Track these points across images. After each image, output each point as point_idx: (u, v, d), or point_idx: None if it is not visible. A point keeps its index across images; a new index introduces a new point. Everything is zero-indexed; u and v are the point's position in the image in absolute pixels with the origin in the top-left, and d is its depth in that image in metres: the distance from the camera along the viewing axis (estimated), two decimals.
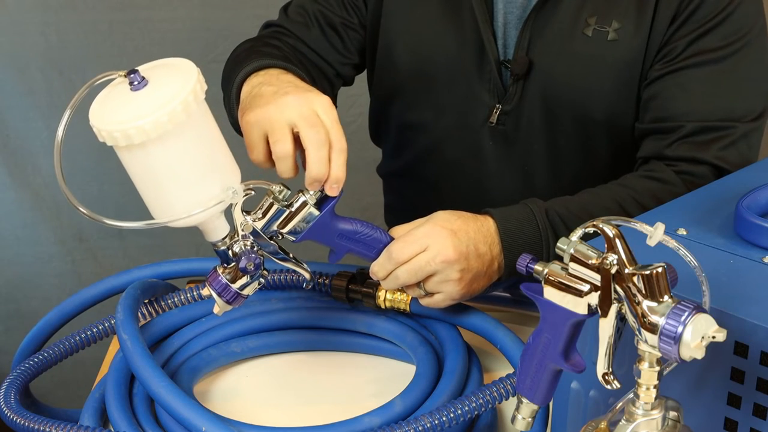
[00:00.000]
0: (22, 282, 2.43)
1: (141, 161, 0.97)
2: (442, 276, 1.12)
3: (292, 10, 1.44)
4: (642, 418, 0.79)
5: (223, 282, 1.07)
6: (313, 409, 1.18)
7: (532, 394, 0.86)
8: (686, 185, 1.23)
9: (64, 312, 1.30)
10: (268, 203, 1.08)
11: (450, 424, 1.02)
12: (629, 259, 0.77)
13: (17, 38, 2.23)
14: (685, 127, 1.25)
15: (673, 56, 1.27)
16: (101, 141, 0.96)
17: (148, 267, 1.30)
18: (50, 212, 2.37)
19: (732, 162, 1.24)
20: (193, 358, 1.20)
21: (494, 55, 1.32)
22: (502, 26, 1.33)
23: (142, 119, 0.93)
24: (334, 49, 1.42)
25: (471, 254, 1.12)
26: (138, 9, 2.24)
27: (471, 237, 1.13)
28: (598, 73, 1.30)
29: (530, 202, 1.19)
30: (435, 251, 1.11)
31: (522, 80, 1.32)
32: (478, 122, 1.37)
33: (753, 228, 0.93)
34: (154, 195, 1.00)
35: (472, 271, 1.13)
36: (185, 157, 0.98)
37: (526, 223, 1.17)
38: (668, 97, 1.27)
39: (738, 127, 1.25)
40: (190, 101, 0.94)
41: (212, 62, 2.25)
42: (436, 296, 1.15)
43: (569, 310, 0.80)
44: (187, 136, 0.97)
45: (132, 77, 0.95)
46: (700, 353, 0.74)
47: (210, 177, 1.00)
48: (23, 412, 1.11)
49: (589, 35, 1.28)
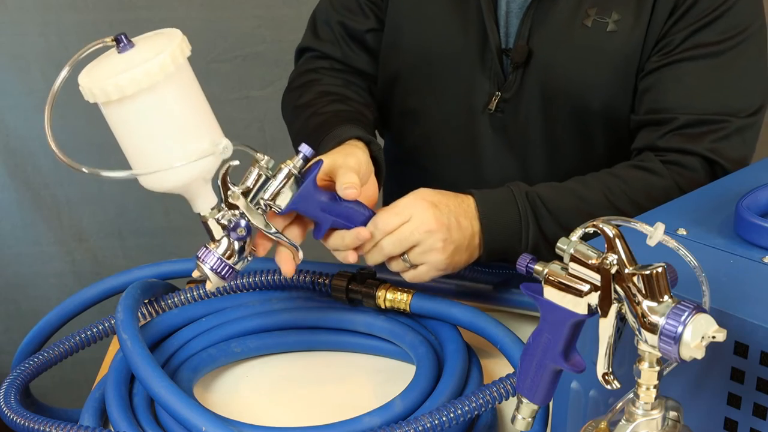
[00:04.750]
0: (22, 282, 2.43)
1: (132, 116, 1.00)
2: (426, 246, 1.14)
3: (323, 29, 1.47)
4: (642, 418, 0.79)
5: (216, 256, 1.08)
6: (313, 409, 1.18)
7: (532, 394, 0.86)
8: (674, 176, 1.24)
9: (64, 312, 1.30)
10: (255, 173, 1.10)
11: (450, 424, 1.02)
12: (629, 259, 0.77)
13: (17, 38, 2.23)
14: (679, 119, 1.26)
15: (670, 49, 1.27)
16: (92, 101, 0.99)
17: (148, 267, 1.31)
18: (50, 212, 2.37)
19: (724, 155, 1.25)
20: (193, 358, 1.20)
21: (496, 43, 1.33)
22: (504, 15, 1.34)
23: (133, 70, 0.97)
24: (369, 60, 1.46)
25: (452, 226, 1.15)
26: (138, 9, 2.24)
27: (452, 210, 1.16)
28: (596, 64, 1.30)
29: (513, 184, 1.21)
30: (418, 221, 1.14)
31: (521, 69, 1.33)
32: (478, 109, 1.38)
33: (753, 228, 0.93)
34: (146, 149, 1.02)
35: (454, 242, 1.16)
36: (175, 108, 1.01)
37: (506, 204, 1.19)
38: (663, 89, 1.28)
39: (732, 121, 1.25)
40: (177, 54, 0.99)
41: (212, 62, 2.26)
42: (420, 268, 1.17)
43: (569, 310, 0.80)
44: (176, 88, 1.01)
45: (119, 40, 1.00)
46: (700, 353, 0.74)
47: (199, 130, 1.04)
48: (23, 412, 1.11)
49: (588, 26, 1.29)
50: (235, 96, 2.23)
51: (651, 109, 1.29)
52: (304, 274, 1.26)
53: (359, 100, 1.41)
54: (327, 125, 1.29)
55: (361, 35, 1.44)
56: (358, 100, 1.41)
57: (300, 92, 1.42)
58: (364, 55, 1.45)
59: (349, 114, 1.34)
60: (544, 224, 1.19)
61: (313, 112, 1.36)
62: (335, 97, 1.39)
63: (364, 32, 1.44)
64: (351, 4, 1.44)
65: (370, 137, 1.26)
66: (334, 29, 1.45)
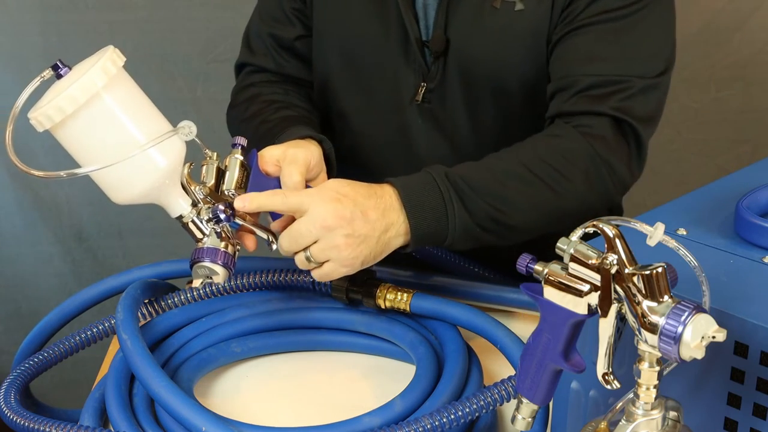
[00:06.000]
0: (22, 282, 2.43)
1: (81, 133, 1.05)
2: (326, 242, 1.11)
3: (255, 42, 1.49)
4: (642, 418, 0.79)
5: (213, 247, 1.10)
6: (313, 409, 1.18)
7: (532, 394, 0.86)
8: (585, 138, 1.23)
9: (64, 312, 1.30)
10: (212, 168, 1.13)
11: (450, 425, 1.02)
12: (629, 259, 0.77)
13: (17, 38, 2.23)
14: (582, 81, 1.26)
15: (573, 17, 1.28)
16: (41, 129, 1.05)
17: (148, 267, 1.31)
18: (50, 212, 2.37)
19: (631, 113, 1.24)
20: (193, 358, 1.20)
21: (416, 36, 1.34)
22: (422, 7, 1.35)
23: (68, 89, 1.02)
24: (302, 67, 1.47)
25: (357, 219, 1.11)
26: (138, 9, 2.24)
27: (358, 202, 1.13)
28: (508, 45, 1.31)
29: (431, 168, 1.20)
30: (314, 216, 1.11)
31: (442, 58, 1.34)
32: (406, 101, 1.39)
33: (753, 228, 0.94)
34: (105, 159, 1.04)
35: (360, 236, 1.12)
36: (120, 115, 1.05)
37: (428, 187, 1.17)
38: (567, 55, 1.28)
39: (635, 81, 1.25)
40: (109, 66, 1.04)
41: (212, 62, 2.26)
42: (326, 266, 1.13)
43: (569, 310, 0.80)
44: (115, 96, 1.05)
45: (55, 67, 1.06)
46: (700, 353, 0.74)
47: (158, 117, 1.09)
48: (23, 412, 1.11)
49: (497, 8, 1.30)
50: None
51: (558, 76, 1.29)
52: (304, 274, 1.26)
53: (303, 105, 1.43)
54: (278, 128, 1.31)
55: (290, 43, 1.46)
56: (302, 105, 1.43)
57: (245, 106, 1.44)
58: (297, 63, 1.47)
59: (297, 118, 1.36)
60: (469, 202, 1.17)
61: (262, 120, 1.37)
62: (281, 105, 1.40)
63: (292, 40, 1.45)
64: (277, 14, 1.46)
65: (322, 136, 1.27)
66: (265, 41, 1.47)
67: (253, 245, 1.16)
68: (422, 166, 1.33)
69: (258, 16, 1.49)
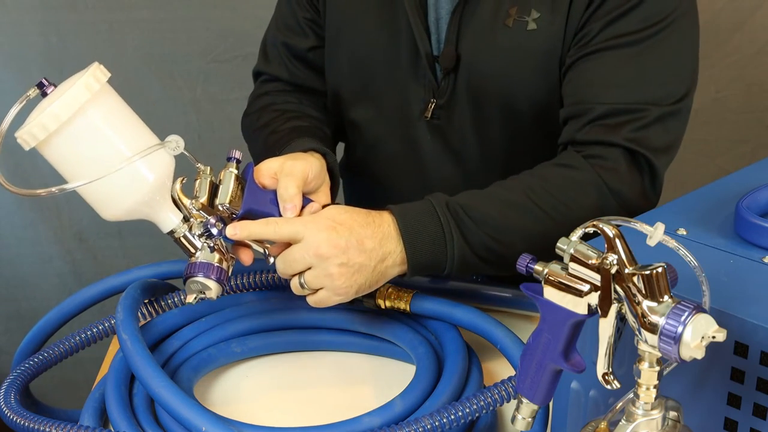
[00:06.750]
0: (22, 282, 2.43)
1: (67, 149, 1.05)
2: (319, 270, 1.11)
3: (271, 51, 1.49)
4: (642, 418, 0.79)
5: (205, 262, 1.10)
6: (313, 409, 1.18)
7: (532, 394, 0.86)
8: (595, 169, 1.21)
9: (64, 312, 1.30)
10: (205, 182, 1.12)
11: (450, 426, 1.02)
12: (629, 259, 0.77)
13: (17, 38, 2.23)
14: (596, 109, 1.23)
15: (587, 40, 1.25)
16: (28, 148, 1.05)
17: (148, 267, 1.30)
18: (50, 212, 2.37)
19: (645, 144, 1.22)
20: (193, 358, 1.20)
21: (426, 51, 1.33)
22: (435, 21, 1.34)
23: (51, 106, 1.02)
24: (315, 77, 1.47)
25: (352, 248, 1.11)
26: (138, 9, 2.24)
27: (355, 231, 1.12)
28: (520, 64, 1.30)
29: (432, 196, 1.19)
30: (308, 244, 1.10)
31: (452, 74, 1.33)
32: (415, 117, 1.38)
33: (753, 228, 0.93)
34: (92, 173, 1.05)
35: (355, 265, 1.11)
36: (105, 130, 1.06)
37: (427, 216, 1.16)
38: (581, 80, 1.26)
39: (652, 110, 1.22)
40: (91, 82, 1.04)
41: (212, 62, 2.26)
42: (320, 293, 1.13)
43: (569, 310, 0.80)
44: (98, 111, 1.05)
45: (40, 84, 1.06)
46: (700, 353, 0.74)
47: (145, 132, 1.09)
48: (23, 412, 1.11)
49: (510, 26, 1.29)
50: (235, 96, 2.23)
51: (571, 101, 1.27)
52: None
53: (316, 115, 1.43)
54: (284, 140, 1.30)
55: (303, 54, 1.46)
56: (315, 115, 1.43)
57: (257, 115, 1.44)
58: (310, 73, 1.47)
59: (306, 129, 1.35)
60: (468, 233, 1.16)
61: (272, 130, 1.37)
62: (293, 114, 1.40)
63: (305, 51, 1.45)
64: (292, 24, 1.46)
65: (325, 149, 1.26)
66: (280, 50, 1.47)
67: (249, 259, 1.15)
68: (430, 180, 1.33)
69: (274, 25, 1.49)
